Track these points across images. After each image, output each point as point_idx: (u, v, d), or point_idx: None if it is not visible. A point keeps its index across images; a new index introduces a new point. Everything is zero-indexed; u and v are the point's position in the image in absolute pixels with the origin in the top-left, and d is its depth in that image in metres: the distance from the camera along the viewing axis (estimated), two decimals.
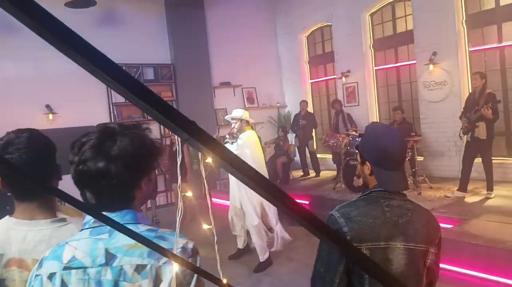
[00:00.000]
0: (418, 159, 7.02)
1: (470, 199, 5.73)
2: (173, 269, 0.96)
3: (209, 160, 0.66)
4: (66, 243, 1.02)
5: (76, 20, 6.54)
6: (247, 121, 4.82)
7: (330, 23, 9.48)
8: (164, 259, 0.96)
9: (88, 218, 1.03)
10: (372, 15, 8.82)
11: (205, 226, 1.00)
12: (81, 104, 7.69)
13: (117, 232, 0.98)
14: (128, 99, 0.51)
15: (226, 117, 5.17)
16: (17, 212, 1.25)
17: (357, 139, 6.74)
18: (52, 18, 0.35)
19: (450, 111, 6.96)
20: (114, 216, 1.00)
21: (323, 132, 9.32)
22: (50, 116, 7.64)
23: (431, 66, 7.36)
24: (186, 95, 9.00)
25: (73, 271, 0.97)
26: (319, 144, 9.60)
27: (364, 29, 8.80)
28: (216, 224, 0.96)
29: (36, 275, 1.00)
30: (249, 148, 4.61)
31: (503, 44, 6.79)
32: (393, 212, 1.41)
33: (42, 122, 7.54)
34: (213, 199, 8.42)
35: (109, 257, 0.97)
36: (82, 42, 0.37)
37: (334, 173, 8.21)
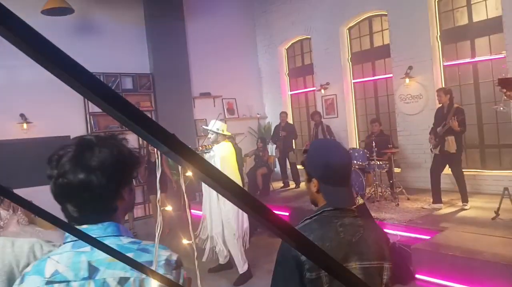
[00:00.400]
0: (395, 171, 7.15)
1: (446, 210, 5.84)
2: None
3: (189, 173, 0.65)
4: (48, 257, 1.00)
5: (53, 28, 6.46)
6: (223, 135, 4.79)
7: (310, 36, 9.62)
8: None
9: None
10: (350, 29, 9.00)
11: (185, 241, 0.98)
12: (56, 113, 7.51)
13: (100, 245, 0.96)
14: (106, 111, 0.49)
15: (203, 127, 5.14)
16: None
17: None
18: (26, 26, 0.33)
19: (426, 123, 7.10)
20: (96, 228, 1.00)
21: (303, 143, 9.38)
22: (25, 125, 7.43)
23: (407, 80, 7.54)
24: (165, 106, 8.93)
25: (56, 285, 0.95)
26: (299, 154, 9.64)
27: (342, 42, 8.96)
28: (196, 236, 0.93)
29: None
30: (219, 160, 4.56)
31: (476, 59, 7.02)
32: (347, 232, 1.37)
33: (16, 131, 7.34)
34: (192, 211, 8.31)
35: (92, 270, 0.96)
36: (57, 51, 0.35)
37: None
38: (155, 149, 0.61)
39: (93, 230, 0.99)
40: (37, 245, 1.19)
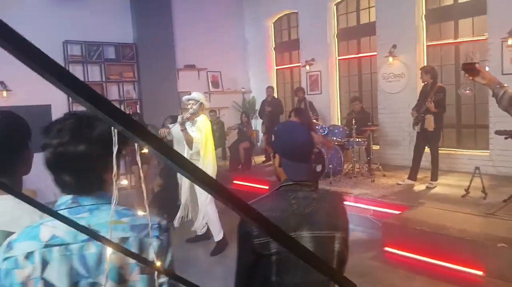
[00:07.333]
0: (374, 148, 7.32)
1: (419, 187, 6.04)
2: (153, 242, 1.05)
3: (145, 150, 0.71)
4: (41, 224, 1.03)
5: None
6: (203, 106, 4.92)
7: (297, 11, 9.54)
8: (144, 232, 1.05)
9: (64, 199, 1.06)
10: (337, 4, 8.95)
11: (141, 213, 1.05)
12: (37, 81, 7.23)
13: (98, 210, 1.04)
14: (63, 91, 0.55)
15: (184, 97, 5.18)
16: None
17: (317, 127, 6.90)
18: None
19: (406, 102, 7.24)
20: (91, 198, 1.06)
21: (286, 119, 9.44)
22: (4, 93, 7.30)
23: (390, 59, 7.61)
24: (149, 77, 8.83)
25: (55, 248, 0.99)
26: None
27: (329, 18, 8.92)
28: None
29: (7, 258, 0.99)
30: (204, 133, 4.70)
31: (459, 40, 7.11)
32: (299, 204, 1.51)
33: None
34: None
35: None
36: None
37: None
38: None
39: (88, 199, 1.06)
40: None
